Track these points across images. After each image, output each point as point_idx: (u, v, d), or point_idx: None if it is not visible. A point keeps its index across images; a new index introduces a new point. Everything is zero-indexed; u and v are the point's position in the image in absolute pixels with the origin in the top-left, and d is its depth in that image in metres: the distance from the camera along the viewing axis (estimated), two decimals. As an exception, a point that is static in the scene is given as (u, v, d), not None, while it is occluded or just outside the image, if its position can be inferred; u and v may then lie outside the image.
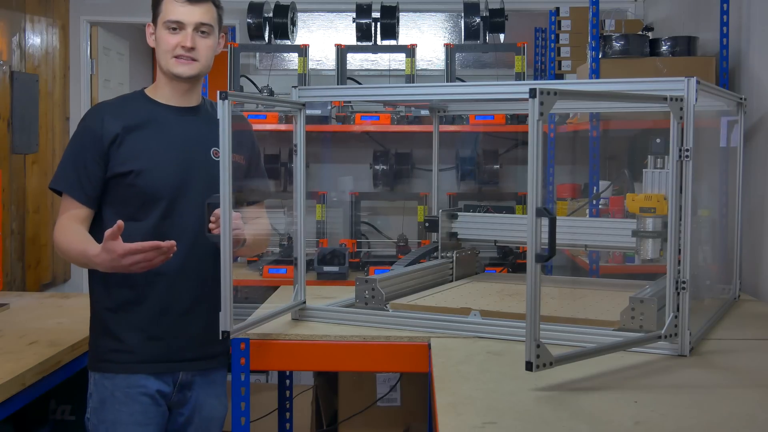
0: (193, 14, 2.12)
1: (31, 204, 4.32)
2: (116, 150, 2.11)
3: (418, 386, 3.45)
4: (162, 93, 2.20)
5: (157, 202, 2.12)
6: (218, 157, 2.19)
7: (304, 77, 4.27)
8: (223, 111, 1.88)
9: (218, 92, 1.87)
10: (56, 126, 4.65)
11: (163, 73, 2.19)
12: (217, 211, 1.98)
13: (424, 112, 4.14)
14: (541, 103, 1.64)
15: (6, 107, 4.03)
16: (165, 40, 2.13)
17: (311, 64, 4.50)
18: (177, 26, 2.12)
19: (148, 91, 2.22)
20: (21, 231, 4.21)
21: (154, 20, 2.16)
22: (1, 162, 4.00)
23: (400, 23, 4.41)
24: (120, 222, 1.93)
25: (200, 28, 2.14)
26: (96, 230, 2.14)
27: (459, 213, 2.89)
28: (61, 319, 2.56)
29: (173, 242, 1.96)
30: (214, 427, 2.29)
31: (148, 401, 2.14)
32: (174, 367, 2.19)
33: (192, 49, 2.13)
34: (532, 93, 1.63)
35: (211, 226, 2.05)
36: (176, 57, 2.13)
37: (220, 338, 1.93)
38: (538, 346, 1.66)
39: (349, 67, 4.41)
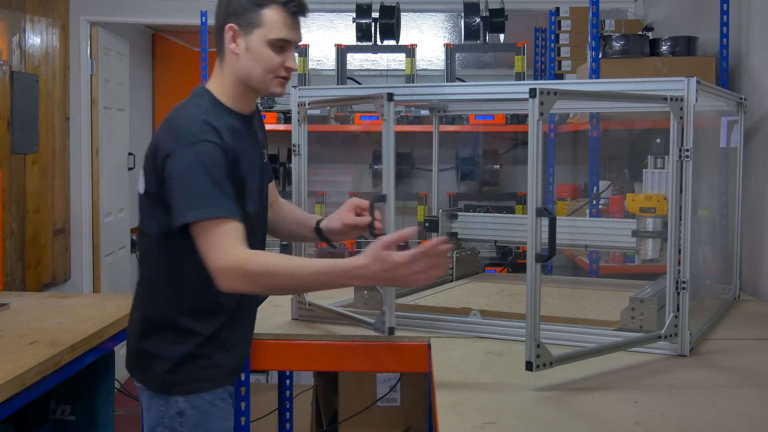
0: (297, 32, 1.97)
1: (31, 204, 4.32)
2: (234, 167, 1.88)
3: (418, 386, 3.45)
4: (238, 102, 1.99)
5: (248, 218, 1.91)
6: (265, 160, 2.12)
7: (304, 77, 4.27)
8: (389, 111, 1.92)
9: (386, 94, 1.90)
10: (56, 126, 4.64)
11: (246, 85, 1.97)
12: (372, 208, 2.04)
13: (424, 112, 4.14)
14: (541, 103, 1.64)
15: (6, 107, 4.03)
16: (270, 58, 1.92)
17: (311, 64, 4.51)
18: (284, 45, 1.93)
19: (221, 98, 1.97)
20: (21, 231, 4.21)
21: (246, 27, 1.91)
22: (1, 162, 4.00)
23: (400, 23, 4.41)
24: (417, 227, 1.78)
25: (296, 47, 2.02)
26: (180, 254, 1.89)
27: (459, 213, 2.89)
28: (61, 319, 2.56)
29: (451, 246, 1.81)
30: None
31: (230, 400, 2.07)
32: (239, 374, 2.14)
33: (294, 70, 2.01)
34: (532, 93, 1.64)
35: (377, 224, 2.06)
36: (278, 77, 1.96)
37: (386, 334, 1.96)
38: (538, 346, 1.66)
39: (349, 67, 4.41)
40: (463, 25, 4.35)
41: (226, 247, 1.77)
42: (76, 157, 4.90)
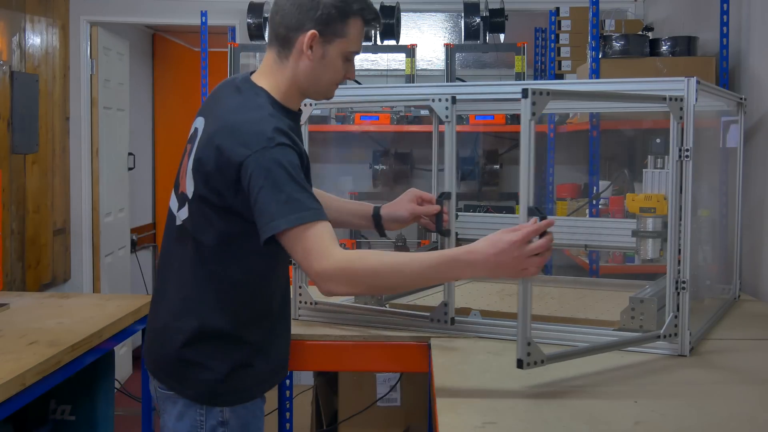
0: None
1: (31, 204, 4.33)
2: (306, 172, 1.83)
3: (418, 386, 3.45)
4: (291, 101, 1.94)
5: None
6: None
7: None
8: (452, 113, 2.06)
9: (450, 96, 1.99)
10: (56, 126, 4.65)
11: (302, 88, 1.91)
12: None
13: (424, 112, 4.14)
14: (533, 103, 1.65)
15: (6, 107, 4.03)
16: (339, 69, 1.89)
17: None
18: (352, 56, 1.91)
19: (276, 96, 1.90)
20: (21, 231, 4.21)
21: (328, 36, 1.85)
22: (1, 162, 4.00)
23: (400, 23, 4.41)
24: (553, 219, 1.68)
25: None
26: (237, 261, 1.84)
27: (459, 213, 2.89)
28: (61, 319, 2.56)
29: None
30: None
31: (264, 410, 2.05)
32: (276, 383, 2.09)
33: None
34: (524, 93, 1.64)
35: (446, 217, 2.15)
36: (336, 85, 1.95)
37: (450, 324, 2.05)
38: (528, 344, 1.65)
39: (349, 66, 4.41)
40: (463, 25, 4.35)
41: (327, 250, 1.69)
42: (76, 157, 4.91)
